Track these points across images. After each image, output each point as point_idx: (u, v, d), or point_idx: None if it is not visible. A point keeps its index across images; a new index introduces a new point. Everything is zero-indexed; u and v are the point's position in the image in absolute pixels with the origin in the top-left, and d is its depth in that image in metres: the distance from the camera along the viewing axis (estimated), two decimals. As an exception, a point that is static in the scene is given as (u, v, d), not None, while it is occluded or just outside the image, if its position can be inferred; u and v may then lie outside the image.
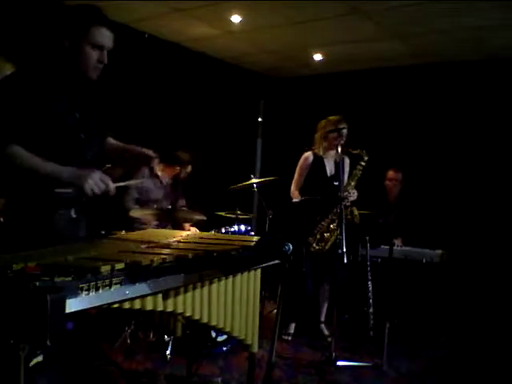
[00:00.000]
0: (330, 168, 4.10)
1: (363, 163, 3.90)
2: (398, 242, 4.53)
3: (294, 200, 4.00)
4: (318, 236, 3.93)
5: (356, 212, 3.86)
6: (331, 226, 3.95)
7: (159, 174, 4.23)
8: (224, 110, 5.90)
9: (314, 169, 4.08)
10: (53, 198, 1.98)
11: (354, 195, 3.84)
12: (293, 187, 4.13)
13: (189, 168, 4.35)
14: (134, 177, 4.07)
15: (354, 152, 3.83)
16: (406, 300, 4.11)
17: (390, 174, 4.93)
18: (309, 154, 4.12)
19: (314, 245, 3.90)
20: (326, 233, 3.95)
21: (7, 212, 2.04)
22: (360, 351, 3.80)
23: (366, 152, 3.87)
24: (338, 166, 4.06)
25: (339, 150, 3.80)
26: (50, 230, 1.97)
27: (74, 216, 2.06)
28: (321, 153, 4.08)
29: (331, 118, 4.05)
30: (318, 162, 4.09)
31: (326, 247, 3.91)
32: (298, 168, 4.14)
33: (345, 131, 3.96)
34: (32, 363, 1.42)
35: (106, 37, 2.02)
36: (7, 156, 1.89)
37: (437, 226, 4.63)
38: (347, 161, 4.10)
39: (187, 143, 4.42)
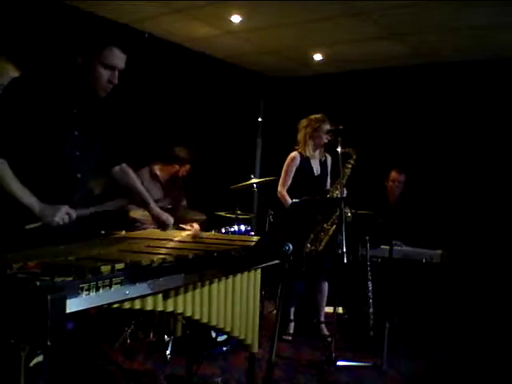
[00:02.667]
0: (316, 167, 4.16)
1: (352, 161, 3.97)
2: (397, 243, 4.53)
3: (294, 200, 4.00)
4: (312, 236, 3.94)
5: (347, 210, 3.87)
6: (325, 225, 3.96)
7: (158, 173, 4.22)
8: (224, 110, 5.90)
9: (302, 169, 4.11)
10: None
11: (343, 194, 3.85)
12: (280, 187, 4.12)
13: (187, 166, 4.33)
14: None
15: (343, 151, 3.83)
16: (406, 300, 4.11)
17: (393, 175, 4.91)
18: (295, 154, 4.13)
19: (308, 245, 3.91)
20: (321, 232, 3.96)
21: None
22: (360, 351, 3.80)
23: (354, 151, 3.92)
24: (324, 164, 4.14)
25: (338, 148, 3.80)
26: (36, 234, 1.96)
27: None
28: (307, 153, 4.11)
29: (313, 116, 4.11)
30: (305, 162, 4.12)
31: (320, 247, 3.93)
32: (284, 168, 4.14)
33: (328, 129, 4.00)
34: (32, 363, 1.42)
35: (118, 58, 2.04)
36: None
37: (437, 226, 4.63)
38: (329, 159, 4.23)
39: (187, 143, 4.41)
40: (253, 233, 4.34)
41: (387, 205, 4.85)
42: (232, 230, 4.06)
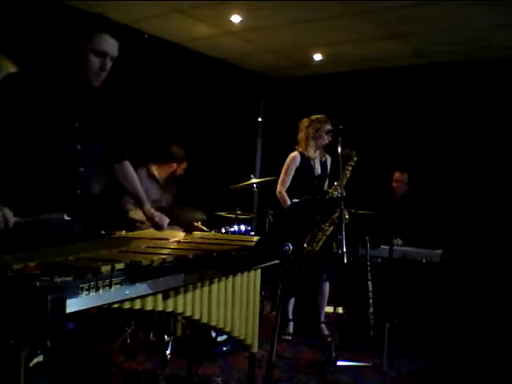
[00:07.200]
0: (317, 168, 4.15)
1: (352, 163, 3.98)
2: (397, 241, 4.53)
3: (294, 200, 4.00)
4: (309, 236, 3.94)
5: (345, 212, 3.87)
6: (323, 225, 3.96)
7: (155, 173, 4.21)
8: (224, 110, 5.90)
9: (302, 169, 4.09)
10: (44, 201, 1.96)
11: (343, 194, 3.86)
12: (279, 187, 4.10)
13: (185, 163, 4.32)
14: None
15: (343, 152, 3.83)
16: (406, 300, 4.11)
17: (397, 175, 4.95)
18: (296, 154, 4.12)
19: (305, 245, 3.90)
20: (318, 232, 3.96)
21: None
22: (360, 351, 3.80)
23: (354, 152, 3.93)
24: (324, 165, 4.15)
25: (339, 148, 3.80)
26: (42, 233, 1.94)
27: (66, 219, 2.03)
28: (308, 153, 4.10)
29: (314, 117, 4.09)
30: (306, 162, 4.10)
31: (317, 248, 3.93)
32: (284, 168, 4.13)
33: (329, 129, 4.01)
34: (32, 363, 1.42)
35: (109, 44, 1.97)
36: None
37: (437, 225, 4.63)
38: (329, 160, 4.24)
39: (187, 143, 4.41)
40: (253, 233, 4.34)
41: (393, 205, 4.85)
42: (232, 230, 4.06)
